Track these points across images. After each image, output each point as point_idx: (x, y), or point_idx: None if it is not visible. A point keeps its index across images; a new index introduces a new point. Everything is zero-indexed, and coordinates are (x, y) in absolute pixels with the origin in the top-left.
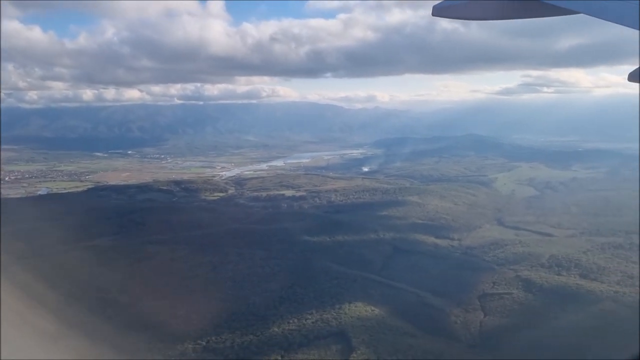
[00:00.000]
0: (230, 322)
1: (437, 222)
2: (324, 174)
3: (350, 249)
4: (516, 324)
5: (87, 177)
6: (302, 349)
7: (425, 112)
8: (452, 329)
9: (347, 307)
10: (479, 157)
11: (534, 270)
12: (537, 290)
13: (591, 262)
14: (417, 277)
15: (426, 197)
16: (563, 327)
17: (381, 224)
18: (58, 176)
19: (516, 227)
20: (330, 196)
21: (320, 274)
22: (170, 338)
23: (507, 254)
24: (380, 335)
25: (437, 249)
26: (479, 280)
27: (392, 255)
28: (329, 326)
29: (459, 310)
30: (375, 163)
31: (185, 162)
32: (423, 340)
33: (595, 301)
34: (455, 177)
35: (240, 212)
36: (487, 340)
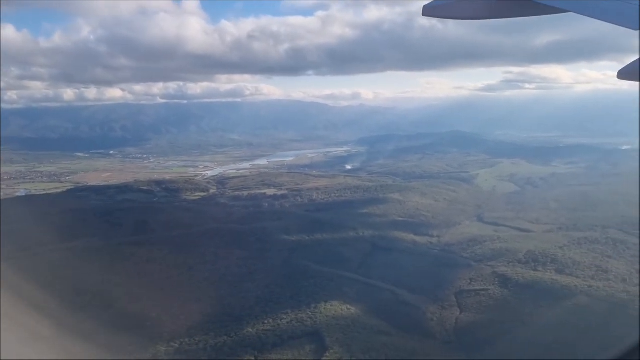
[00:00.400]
0: (204, 323)
1: (417, 219)
2: (306, 172)
3: (329, 247)
4: (491, 320)
5: (67, 178)
6: (276, 349)
7: (410, 109)
8: (428, 327)
9: (323, 306)
10: (461, 153)
11: (511, 266)
12: (512, 286)
13: (567, 257)
14: (394, 274)
15: (407, 194)
16: (537, 322)
17: (361, 222)
18: (37, 177)
19: (495, 223)
20: (312, 194)
21: (298, 273)
22: (142, 340)
23: (485, 250)
24: (355, 334)
25: (415, 246)
26: (456, 277)
27: (371, 253)
28: (304, 326)
29: (435, 308)
30: (358, 161)
31: (168, 161)
32: (397, 338)
33: (569, 296)
34: (437, 174)
35: (220, 212)
36: (462, 337)
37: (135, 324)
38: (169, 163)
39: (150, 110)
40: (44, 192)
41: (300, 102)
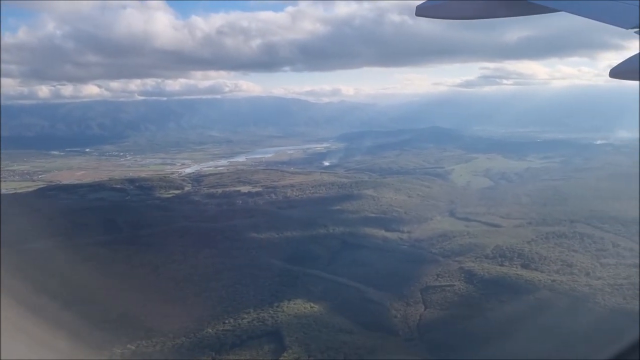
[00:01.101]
0: (164, 324)
1: (389, 215)
2: (283, 169)
3: (297, 245)
4: (454, 316)
5: (40, 177)
6: (234, 349)
7: (391, 106)
8: (391, 324)
9: (286, 304)
10: (438, 149)
11: (478, 262)
12: (477, 282)
13: (533, 252)
14: (361, 271)
15: (381, 190)
16: (498, 317)
17: (332, 219)
18: (9, 176)
19: (467, 218)
20: (287, 191)
21: (264, 271)
22: (97, 342)
23: (454, 246)
24: (315, 333)
25: (385, 242)
26: (423, 272)
27: (340, 250)
28: (265, 325)
29: (400, 304)
30: (337, 157)
31: (145, 159)
32: (359, 336)
33: (532, 290)
34: (413, 170)
35: (192, 210)
36: (424, 334)
37: (91, 326)
38: (146, 161)
39: (129, 107)
40: (13, 191)
41: (280, 99)
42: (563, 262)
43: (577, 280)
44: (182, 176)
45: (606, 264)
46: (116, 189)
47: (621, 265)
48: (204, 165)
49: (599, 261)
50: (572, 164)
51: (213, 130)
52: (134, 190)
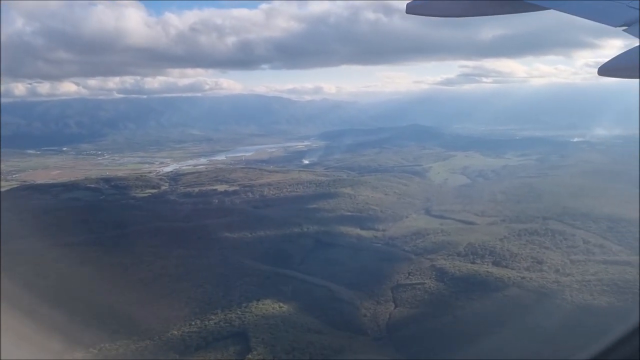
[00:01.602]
0: (128, 326)
1: (365, 214)
2: (262, 167)
3: (270, 244)
4: (423, 314)
5: (14, 177)
6: (199, 352)
7: (372, 104)
8: (360, 323)
9: (255, 305)
10: (418, 147)
11: (450, 259)
12: (448, 280)
13: (505, 249)
14: (333, 270)
15: (359, 188)
16: (466, 315)
17: (307, 218)
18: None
19: (442, 216)
20: (264, 190)
21: (235, 271)
22: (59, 347)
23: (427, 244)
24: (282, 334)
25: (359, 240)
26: (395, 271)
27: (313, 249)
28: (232, 326)
29: (370, 303)
30: (317, 155)
31: (123, 158)
32: (327, 336)
33: (501, 288)
34: (392, 168)
35: (167, 209)
36: (393, 333)
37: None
38: (124, 159)
39: (108, 105)
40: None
41: (262, 97)
42: (533, 259)
43: (546, 277)
44: (159, 175)
45: (576, 260)
46: (91, 189)
47: (590, 262)
48: (183, 164)
49: (569, 258)
50: (548, 161)
51: (194, 129)
52: (109, 190)
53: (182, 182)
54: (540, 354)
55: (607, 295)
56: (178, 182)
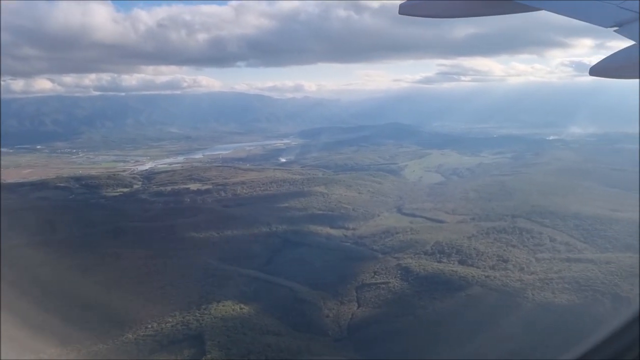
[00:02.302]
0: (82, 330)
1: (337, 212)
2: (238, 165)
3: (237, 244)
4: (385, 314)
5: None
6: (153, 355)
7: (353, 102)
8: (322, 324)
9: (214, 306)
10: (395, 145)
11: (416, 258)
12: (412, 279)
13: (472, 248)
14: (299, 270)
15: (333, 186)
16: (427, 315)
17: (277, 217)
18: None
19: (413, 214)
20: (237, 189)
21: (198, 272)
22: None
23: (395, 242)
24: (240, 336)
25: (328, 240)
26: (361, 270)
27: (280, 249)
28: (188, 329)
29: (333, 303)
30: (295, 153)
31: (98, 156)
32: (286, 337)
33: (464, 287)
34: (367, 166)
35: (136, 209)
36: (354, 333)
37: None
38: (99, 158)
39: (85, 102)
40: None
41: (243, 94)
42: (499, 258)
43: (510, 276)
44: (133, 174)
45: (541, 258)
46: (60, 188)
47: (555, 260)
48: (158, 163)
49: (534, 256)
50: (522, 159)
51: (173, 127)
52: (79, 189)
53: (156, 181)
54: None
55: (567, 293)
56: (151, 181)
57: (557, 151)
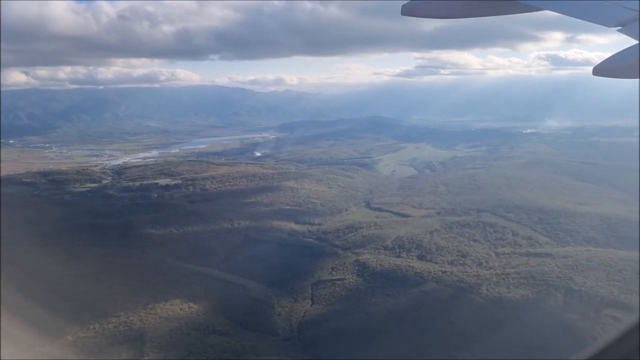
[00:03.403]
0: (21, 332)
1: (304, 207)
2: (212, 160)
3: (196, 241)
4: (337, 311)
5: None
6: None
7: (335, 95)
8: (273, 322)
9: (162, 306)
10: (372, 139)
11: (376, 253)
12: (368, 275)
13: (432, 243)
14: (257, 267)
15: (303, 181)
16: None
17: (241, 212)
18: None
19: (380, 208)
20: (206, 184)
21: (150, 270)
22: None
23: (358, 237)
24: (183, 337)
25: (291, 235)
26: (320, 266)
27: (240, 246)
28: (130, 330)
29: (287, 301)
30: (271, 147)
31: (72, 150)
32: (232, 337)
33: (419, 283)
34: (342, 160)
35: (100, 205)
36: (304, 332)
37: None
38: (72, 152)
39: (63, 96)
40: None
41: (223, 88)
42: (459, 253)
43: (467, 271)
44: (104, 168)
45: (501, 253)
46: (26, 184)
47: (515, 254)
48: (132, 157)
49: (495, 250)
50: (496, 152)
51: (151, 121)
52: (46, 185)
53: (126, 176)
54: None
55: (522, 288)
56: (121, 176)
57: (532, 144)
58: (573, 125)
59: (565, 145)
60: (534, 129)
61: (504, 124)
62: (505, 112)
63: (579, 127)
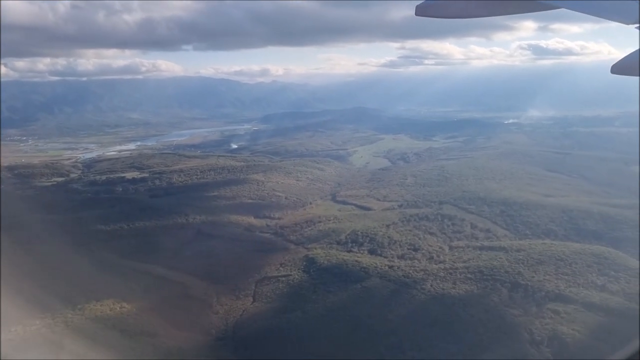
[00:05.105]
0: None
1: (267, 201)
2: (185, 152)
3: (146, 237)
4: (276, 309)
5: None
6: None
7: (322, 86)
8: (208, 321)
9: (92, 306)
10: (352, 130)
11: (327, 248)
12: (314, 271)
13: (386, 236)
14: (203, 264)
15: (272, 174)
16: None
17: (200, 207)
18: None
19: (344, 201)
20: (173, 177)
21: (91, 268)
22: None
23: (314, 232)
24: (105, 339)
25: (247, 230)
26: (269, 262)
27: (191, 241)
28: (52, 333)
29: (228, 298)
30: (249, 139)
31: (48, 143)
32: (160, 339)
33: (363, 278)
34: (317, 152)
35: (60, 199)
36: (239, 331)
37: None
38: (47, 145)
39: (45, 88)
40: None
41: (209, 79)
42: (411, 246)
43: (415, 266)
44: (76, 162)
45: (455, 246)
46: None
47: (469, 248)
48: (108, 150)
49: (449, 244)
50: (473, 143)
51: (134, 113)
52: (11, 179)
53: (95, 170)
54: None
55: (468, 284)
56: (91, 169)
57: (509, 135)
58: (555, 115)
59: (542, 135)
60: (516, 119)
61: (487, 114)
62: (489, 102)
63: (561, 117)
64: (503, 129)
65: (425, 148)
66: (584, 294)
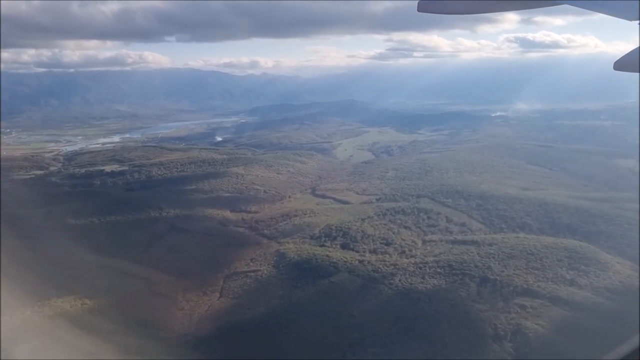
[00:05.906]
0: None
1: (245, 194)
2: (168, 145)
3: (116, 231)
4: (241, 305)
5: None
6: None
7: (312, 78)
8: (172, 318)
9: (52, 302)
10: (338, 122)
11: (300, 243)
12: (284, 266)
13: (359, 230)
14: (173, 259)
15: (252, 167)
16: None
17: (176, 200)
18: None
19: (323, 195)
20: (152, 170)
21: (56, 263)
22: None
23: (288, 226)
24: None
25: (221, 224)
26: (240, 257)
27: (162, 236)
28: (8, 330)
29: (195, 294)
30: (234, 132)
31: (31, 136)
32: (118, 336)
33: (331, 273)
34: (301, 145)
35: (36, 193)
36: (202, 328)
37: None
38: (31, 138)
39: (31, 80)
40: None
41: (198, 71)
42: (383, 241)
43: (385, 260)
44: (57, 155)
45: (429, 240)
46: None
47: (442, 242)
48: (92, 142)
49: (423, 238)
50: (458, 136)
51: (122, 105)
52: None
53: (76, 162)
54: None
55: (437, 278)
56: (71, 162)
57: (494, 128)
58: (543, 108)
59: (527, 128)
60: (503, 112)
61: (476, 107)
62: (478, 94)
63: (548, 110)
64: (489, 121)
65: (410, 141)
66: (552, 288)
